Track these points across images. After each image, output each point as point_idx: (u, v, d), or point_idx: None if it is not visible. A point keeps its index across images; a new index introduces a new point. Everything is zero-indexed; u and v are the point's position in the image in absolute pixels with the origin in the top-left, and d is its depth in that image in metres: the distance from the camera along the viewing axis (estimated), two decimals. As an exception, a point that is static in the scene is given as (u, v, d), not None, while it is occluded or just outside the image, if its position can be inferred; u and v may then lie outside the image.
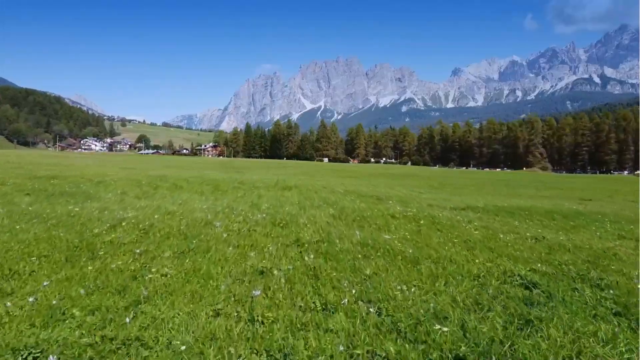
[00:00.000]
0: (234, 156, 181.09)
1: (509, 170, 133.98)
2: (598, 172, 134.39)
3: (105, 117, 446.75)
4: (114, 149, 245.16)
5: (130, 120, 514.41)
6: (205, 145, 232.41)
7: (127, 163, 55.28)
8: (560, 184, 51.32)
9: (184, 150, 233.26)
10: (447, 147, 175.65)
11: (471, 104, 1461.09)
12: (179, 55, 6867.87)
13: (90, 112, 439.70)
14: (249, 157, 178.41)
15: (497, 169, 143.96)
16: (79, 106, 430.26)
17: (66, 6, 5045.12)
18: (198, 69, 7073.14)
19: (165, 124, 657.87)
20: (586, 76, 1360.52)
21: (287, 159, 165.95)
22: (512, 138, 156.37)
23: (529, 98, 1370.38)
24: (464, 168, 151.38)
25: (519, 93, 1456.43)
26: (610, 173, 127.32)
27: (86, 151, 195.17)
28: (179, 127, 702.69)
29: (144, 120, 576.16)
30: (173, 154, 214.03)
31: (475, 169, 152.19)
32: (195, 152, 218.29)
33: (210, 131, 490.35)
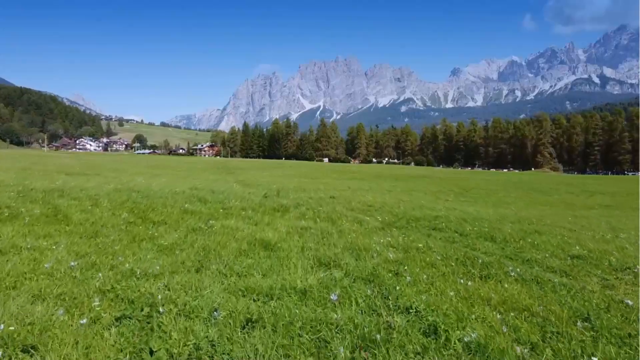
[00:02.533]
0: (232, 156, 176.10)
1: (516, 171, 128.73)
2: (610, 172, 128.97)
3: (102, 117, 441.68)
4: (109, 148, 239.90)
5: (128, 120, 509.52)
6: (202, 145, 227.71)
7: (76, 166, 40.70)
8: (590, 186, 46.12)
9: (181, 150, 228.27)
10: (451, 146, 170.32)
11: (470, 104, 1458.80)
12: (178, 55, 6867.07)
13: (87, 111, 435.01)
14: (246, 156, 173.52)
15: (504, 170, 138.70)
16: (76, 105, 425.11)
17: (68, 5, 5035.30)
18: (197, 69, 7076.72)
19: (163, 124, 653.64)
20: (585, 76, 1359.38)
21: (285, 158, 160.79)
22: (520, 137, 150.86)
23: (528, 98, 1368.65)
24: (469, 168, 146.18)
25: (518, 93, 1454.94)
26: (625, 174, 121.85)
27: (80, 151, 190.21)
28: (177, 127, 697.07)
29: (141, 120, 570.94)
30: (169, 153, 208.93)
31: (480, 169, 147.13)
32: (191, 152, 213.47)
33: (208, 131, 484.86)
